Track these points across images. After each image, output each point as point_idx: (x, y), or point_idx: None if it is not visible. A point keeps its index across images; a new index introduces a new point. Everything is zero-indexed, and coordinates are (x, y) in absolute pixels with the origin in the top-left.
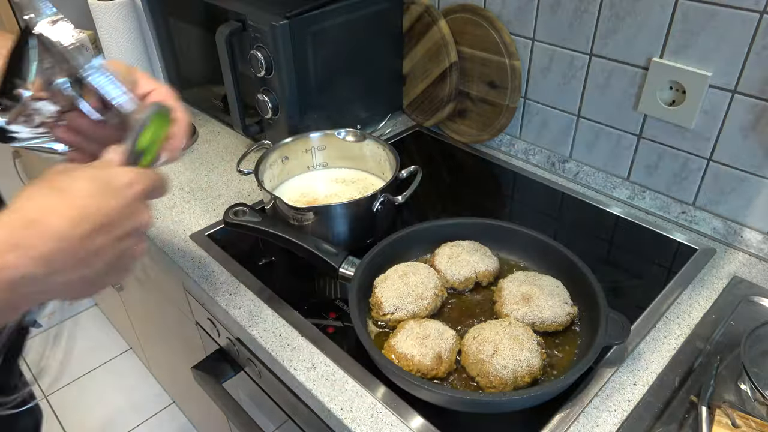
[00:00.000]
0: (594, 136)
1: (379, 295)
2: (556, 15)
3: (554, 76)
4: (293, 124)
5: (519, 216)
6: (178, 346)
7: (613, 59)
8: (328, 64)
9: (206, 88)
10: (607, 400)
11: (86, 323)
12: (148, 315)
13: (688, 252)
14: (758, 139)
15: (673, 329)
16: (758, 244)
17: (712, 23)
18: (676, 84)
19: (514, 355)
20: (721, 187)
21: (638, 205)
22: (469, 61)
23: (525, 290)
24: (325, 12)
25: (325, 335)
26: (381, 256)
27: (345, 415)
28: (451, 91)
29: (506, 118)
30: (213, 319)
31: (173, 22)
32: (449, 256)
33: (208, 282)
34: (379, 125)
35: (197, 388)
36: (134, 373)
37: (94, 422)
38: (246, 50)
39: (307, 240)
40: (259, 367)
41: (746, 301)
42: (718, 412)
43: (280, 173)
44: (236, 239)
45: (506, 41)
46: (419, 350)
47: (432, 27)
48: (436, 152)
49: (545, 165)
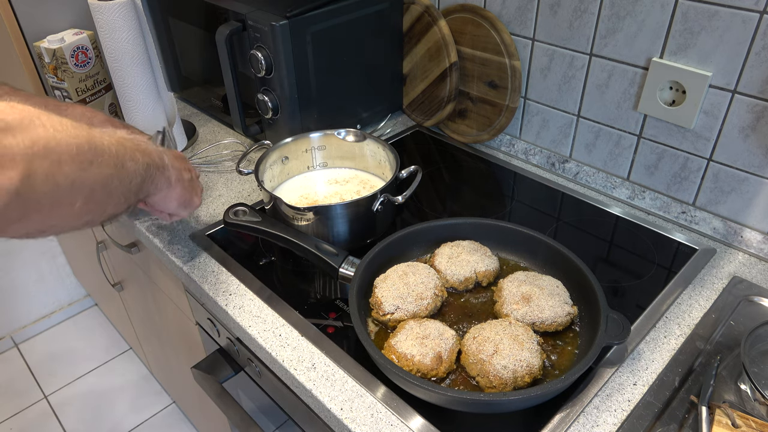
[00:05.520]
0: (594, 136)
1: (379, 295)
2: (556, 15)
3: (554, 76)
4: (293, 124)
5: (519, 216)
6: (178, 346)
7: (613, 59)
8: (328, 63)
9: (206, 88)
10: (607, 400)
11: (86, 323)
12: (148, 315)
13: (688, 252)
14: (758, 139)
15: (673, 329)
16: (758, 244)
17: (712, 23)
18: (676, 84)
19: (514, 355)
20: (721, 187)
21: (638, 205)
22: (469, 61)
23: (525, 290)
24: (325, 12)
25: (325, 335)
26: (381, 256)
27: (345, 415)
28: (451, 91)
29: (506, 118)
30: (213, 319)
31: (173, 22)
32: (449, 256)
33: (208, 282)
34: (379, 125)
35: (197, 388)
36: (134, 373)
37: (95, 422)
38: (246, 50)
39: (307, 240)
40: (259, 367)
41: (746, 301)
42: (718, 412)
43: (280, 173)
44: (236, 239)
45: (506, 41)
46: (419, 350)
47: (432, 27)
48: (436, 152)
49: (545, 165)
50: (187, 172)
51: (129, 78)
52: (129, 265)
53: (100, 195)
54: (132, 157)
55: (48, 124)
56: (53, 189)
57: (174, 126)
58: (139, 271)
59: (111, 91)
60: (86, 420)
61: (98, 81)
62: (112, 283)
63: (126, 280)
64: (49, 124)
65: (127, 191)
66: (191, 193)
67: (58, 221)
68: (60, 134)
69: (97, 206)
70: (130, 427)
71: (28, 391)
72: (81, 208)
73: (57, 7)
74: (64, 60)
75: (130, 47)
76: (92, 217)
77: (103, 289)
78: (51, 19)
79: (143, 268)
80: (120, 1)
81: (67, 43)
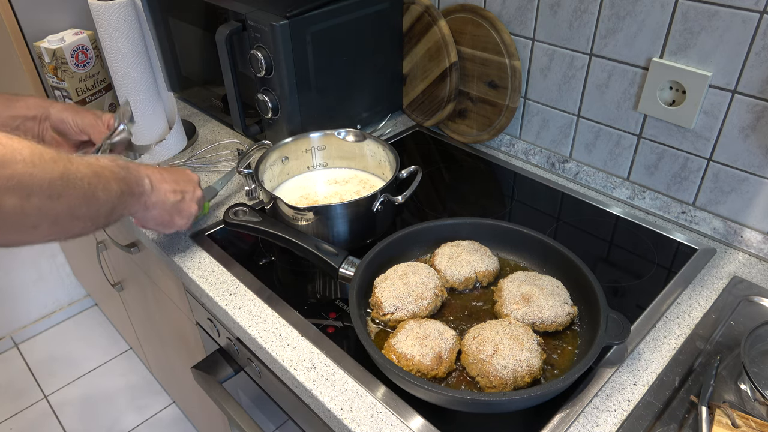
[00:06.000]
0: (594, 136)
1: (379, 295)
2: (556, 15)
3: (554, 76)
4: (293, 124)
5: (519, 216)
6: (178, 346)
7: (613, 59)
8: (328, 64)
9: (206, 88)
10: (607, 400)
11: (86, 323)
12: (148, 315)
13: (688, 252)
14: (758, 139)
15: (673, 329)
16: (758, 244)
17: (712, 23)
18: (676, 84)
19: (514, 355)
20: (721, 187)
21: (638, 205)
22: (469, 61)
23: (525, 290)
24: (325, 12)
25: (325, 335)
26: (381, 256)
27: (345, 415)
28: (451, 91)
29: (506, 118)
30: (213, 319)
31: (173, 22)
32: (449, 256)
33: (208, 282)
34: (379, 125)
35: (197, 388)
36: (134, 373)
37: (95, 422)
38: (246, 50)
39: (307, 240)
40: (259, 367)
41: (746, 301)
42: (718, 412)
43: (280, 173)
44: (236, 239)
45: (506, 41)
46: (419, 350)
47: (432, 27)
48: (436, 152)
49: (545, 165)
50: (176, 194)
51: (129, 78)
52: (129, 265)
53: (66, 221)
54: (105, 187)
55: (28, 159)
56: (19, 217)
57: (174, 126)
58: (139, 271)
59: (111, 91)
60: (86, 420)
61: (98, 81)
62: (112, 283)
63: (126, 280)
64: (29, 159)
65: (95, 216)
66: (172, 216)
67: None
68: (36, 169)
69: (62, 229)
70: (130, 427)
71: (28, 391)
72: (44, 230)
73: (57, 7)
74: (64, 60)
75: (130, 47)
76: (56, 238)
77: (103, 289)
78: (51, 19)
79: (143, 268)
80: (120, 1)
81: (67, 43)
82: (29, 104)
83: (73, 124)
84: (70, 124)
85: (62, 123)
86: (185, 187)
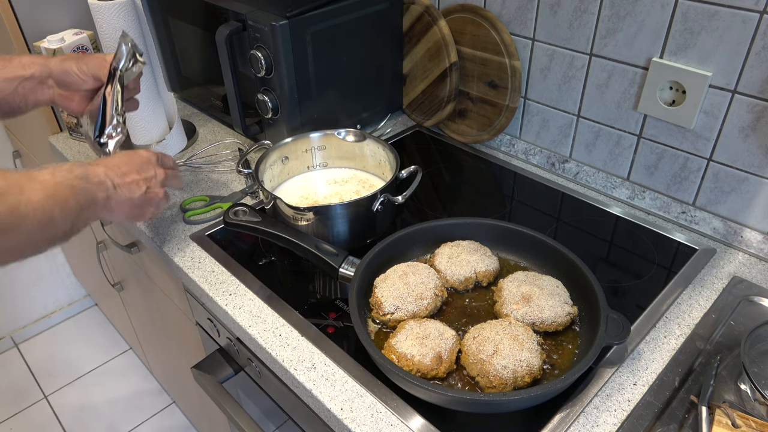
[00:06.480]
0: (594, 136)
1: (379, 295)
2: (556, 15)
3: (554, 76)
4: (293, 124)
5: (519, 216)
6: (178, 346)
7: (613, 59)
8: (328, 63)
9: (206, 88)
10: (607, 400)
11: (86, 323)
12: (148, 315)
13: (688, 252)
14: (758, 139)
15: (673, 329)
16: (758, 244)
17: (712, 23)
18: (676, 84)
19: (514, 355)
20: (721, 187)
21: (638, 205)
22: (469, 61)
23: (525, 290)
24: (325, 12)
25: (325, 335)
26: (381, 256)
27: (345, 415)
28: (451, 91)
29: (506, 118)
30: (213, 319)
31: (173, 22)
32: (449, 256)
33: (208, 282)
34: (379, 125)
35: (197, 388)
36: (134, 373)
37: (95, 422)
38: (246, 50)
39: (307, 240)
40: (259, 367)
41: (746, 301)
42: (718, 412)
43: (280, 173)
44: (236, 239)
45: (506, 41)
46: (419, 350)
47: (432, 27)
48: (436, 152)
49: (545, 165)
50: (140, 185)
51: None
52: (129, 265)
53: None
54: (63, 207)
55: None
56: None
57: (174, 126)
58: (139, 271)
59: None
60: (86, 420)
61: None
62: (112, 283)
63: (126, 280)
64: None
65: (52, 238)
66: (141, 208)
67: None
68: None
69: (17, 252)
70: (130, 427)
71: (28, 392)
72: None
73: (57, 7)
74: None
75: None
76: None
77: (103, 289)
78: (51, 19)
79: (143, 268)
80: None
81: (67, 43)
82: (24, 63)
83: (79, 72)
84: (76, 73)
85: (66, 74)
86: (147, 174)
